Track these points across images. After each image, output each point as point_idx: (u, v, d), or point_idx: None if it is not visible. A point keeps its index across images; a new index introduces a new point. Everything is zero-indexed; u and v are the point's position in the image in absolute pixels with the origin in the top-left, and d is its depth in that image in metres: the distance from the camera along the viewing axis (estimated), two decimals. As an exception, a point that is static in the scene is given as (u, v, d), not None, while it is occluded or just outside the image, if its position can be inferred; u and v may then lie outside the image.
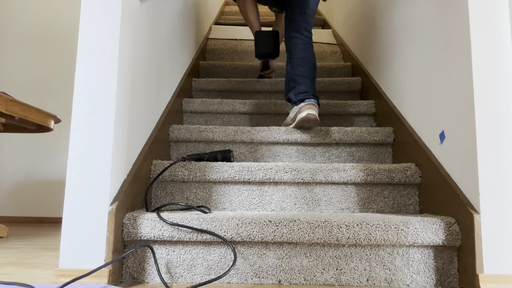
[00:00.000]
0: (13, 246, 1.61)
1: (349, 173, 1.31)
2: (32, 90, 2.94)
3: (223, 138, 1.56)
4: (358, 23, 2.26)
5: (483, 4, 1.02)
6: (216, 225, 1.03)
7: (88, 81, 1.01)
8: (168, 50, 1.60)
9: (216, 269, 1.04)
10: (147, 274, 1.04)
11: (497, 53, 1.00)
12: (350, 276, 1.04)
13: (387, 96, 1.69)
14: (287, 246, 1.05)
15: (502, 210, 0.96)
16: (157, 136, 1.39)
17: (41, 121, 1.86)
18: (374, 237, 1.02)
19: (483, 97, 1.00)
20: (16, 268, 1.16)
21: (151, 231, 1.03)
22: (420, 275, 1.03)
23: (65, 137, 2.88)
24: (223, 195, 1.33)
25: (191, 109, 1.87)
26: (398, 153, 1.53)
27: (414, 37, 1.39)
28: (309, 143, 1.57)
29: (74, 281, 0.87)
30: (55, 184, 2.85)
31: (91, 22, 1.02)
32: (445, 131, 1.15)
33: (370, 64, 2.00)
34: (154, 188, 1.34)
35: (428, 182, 1.24)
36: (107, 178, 0.97)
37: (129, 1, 1.09)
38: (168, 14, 1.59)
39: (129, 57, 1.10)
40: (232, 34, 3.06)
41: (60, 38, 3.01)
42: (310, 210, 1.32)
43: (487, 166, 0.97)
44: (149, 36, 1.30)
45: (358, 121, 1.89)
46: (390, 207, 1.32)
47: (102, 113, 0.99)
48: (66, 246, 0.95)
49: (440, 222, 1.03)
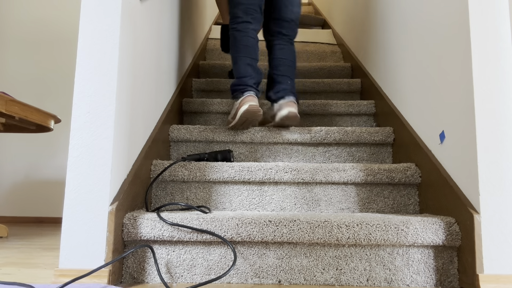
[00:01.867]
0: (13, 246, 1.61)
1: (349, 173, 1.31)
2: (32, 90, 2.94)
3: (223, 138, 1.56)
4: (358, 23, 2.26)
5: (483, 4, 1.02)
6: (216, 225, 1.03)
7: (88, 81, 1.01)
8: (168, 50, 1.60)
9: (216, 269, 1.04)
10: (147, 274, 1.04)
11: (497, 53, 1.00)
12: (350, 276, 1.04)
13: (387, 96, 1.69)
14: (287, 246, 1.05)
15: (502, 210, 0.96)
16: (157, 136, 1.39)
17: (41, 121, 1.86)
18: (374, 237, 1.02)
19: (483, 97, 1.00)
20: (16, 268, 1.16)
21: (151, 231, 1.03)
22: (420, 275, 1.03)
23: (65, 137, 2.88)
24: (223, 195, 1.33)
25: (191, 109, 1.87)
26: (398, 153, 1.53)
27: (414, 37, 1.39)
28: (309, 143, 1.57)
29: (74, 281, 0.87)
30: (55, 184, 2.85)
31: (91, 22, 1.02)
32: (445, 131, 1.15)
33: (370, 64, 2.00)
34: (154, 188, 1.34)
35: (428, 182, 1.24)
36: (107, 178, 0.97)
37: (129, 1, 1.09)
38: (168, 14, 1.59)
39: (129, 57, 1.10)
40: (232, 34, 3.06)
41: (60, 38, 3.01)
42: (310, 210, 1.32)
43: (487, 166, 0.97)
44: (149, 36, 1.30)
45: (358, 121, 1.89)
46: (390, 207, 1.33)
47: (102, 113, 1.00)
48: (66, 246, 0.95)
49: (440, 222, 1.03)
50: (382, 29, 1.76)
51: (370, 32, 1.98)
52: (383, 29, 1.75)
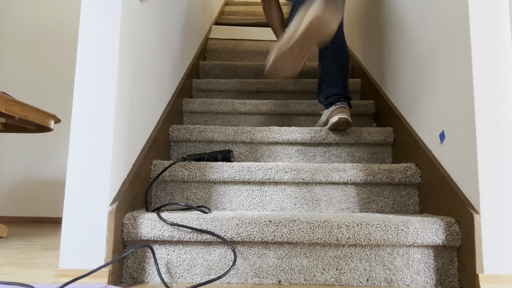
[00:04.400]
0: (13, 246, 1.61)
1: (349, 173, 1.31)
2: (32, 90, 2.94)
3: (223, 138, 1.56)
4: (358, 23, 2.26)
5: (483, 4, 1.02)
6: (216, 225, 1.03)
7: (88, 81, 1.01)
8: (168, 50, 1.60)
9: (216, 269, 1.04)
10: (147, 274, 1.04)
11: (497, 53, 1.00)
12: (350, 276, 1.04)
13: (387, 96, 1.69)
14: (287, 246, 1.05)
15: (502, 210, 0.96)
16: (157, 136, 1.39)
17: (41, 121, 1.86)
18: (374, 237, 1.02)
19: (483, 97, 1.00)
20: (16, 268, 1.16)
21: (151, 231, 1.03)
22: (420, 275, 1.03)
23: (65, 137, 2.88)
24: (223, 195, 1.33)
25: (191, 109, 1.87)
26: (398, 153, 1.53)
27: (414, 37, 1.39)
28: (309, 143, 1.57)
29: (74, 281, 0.87)
30: (55, 184, 2.85)
31: (91, 22, 1.02)
32: (445, 131, 1.15)
33: (370, 64, 2.00)
34: (154, 188, 1.34)
35: (428, 182, 1.24)
36: (107, 178, 0.97)
37: (129, 1, 1.09)
38: (168, 14, 1.59)
39: (129, 57, 1.10)
40: (232, 34, 3.07)
41: (60, 38, 3.01)
42: (310, 210, 1.32)
43: (487, 166, 0.97)
44: (149, 36, 1.30)
45: (358, 121, 1.89)
46: (390, 207, 1.32)
47: (102, 113, 1.00)
48: (66, 246, 0.95)
49: (440, 222, 1.03)
50: (382, 29, 1.76)
51: (370, 32, 1.98)
52: (383, 28, 1.75)
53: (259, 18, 3.60)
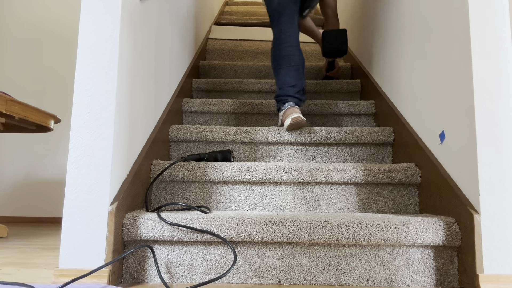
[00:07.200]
0: (13, 246, 1.61)
1: (349, 173, 1.31)
2: (32, 90, 2.94)
3: (223, 138, 1.56)
4: (358, 23, 2.26)
5: (483, 4, 1.02)
6: (216, 225, 1.03)
7: (88, 81, 1.01)
8: (168, 50, 1.60)
9: (216, 269, 1.04)
10: (147, 274, 1.04)
11: (497, 53, 1.00)
12: (350, 276, 1.04)
13: (387, 96, 1.69)
14: (287, 246, 1.05)
15: (502, 210, 0.96)
16: (157, 136, 1.39)
17: (41, 121, 1.86)
18: (374, 237, 1.02)
19: (483, 97, 1.00)
20: (16, 268, 1.16)
21: (151, 231, 1.03)
22: (420, 275, 1.03)
23: (65, 137, 2.88)
24: (223, 195, 1.33)
25: (191, 109, 1.87)
26: (398, 153, 1.53)
27: (414, 37, 1.39)
28: (309, 143, 1.57)
29: (74, 281, 0.87)
30: (55, 184, 2.85)
31: (91, 22, 1.02)
32: (445, 131, 1.15)
33: (370, 64, 2.00)
34: (154, 188, 1.34)
35: (428, 182, 1.24)
36: (107, 178, 0.97)
37: (129, 1, 1.09)
38: (168, 14, 1.59)
39: (129, 57, 1.10)
40: (232, 34, 3.07)
41: (60, 38, 3.01)
42: (310, 210, 1.32)
43: (487, 166, 0.97)
44: (149, 36, 1.30)
45: (358, 121, 1.89)
46: (390, 207, 1.32)
47: (102, 113, 0.99)
48: (66, 246, 0.95)
49: (440, 222, 1.03)
50: (382, 30, 1.76)
51: (370, 32, 1.98)
52: (383, 29, 1.75)
53: (259, 18, 3.60)
